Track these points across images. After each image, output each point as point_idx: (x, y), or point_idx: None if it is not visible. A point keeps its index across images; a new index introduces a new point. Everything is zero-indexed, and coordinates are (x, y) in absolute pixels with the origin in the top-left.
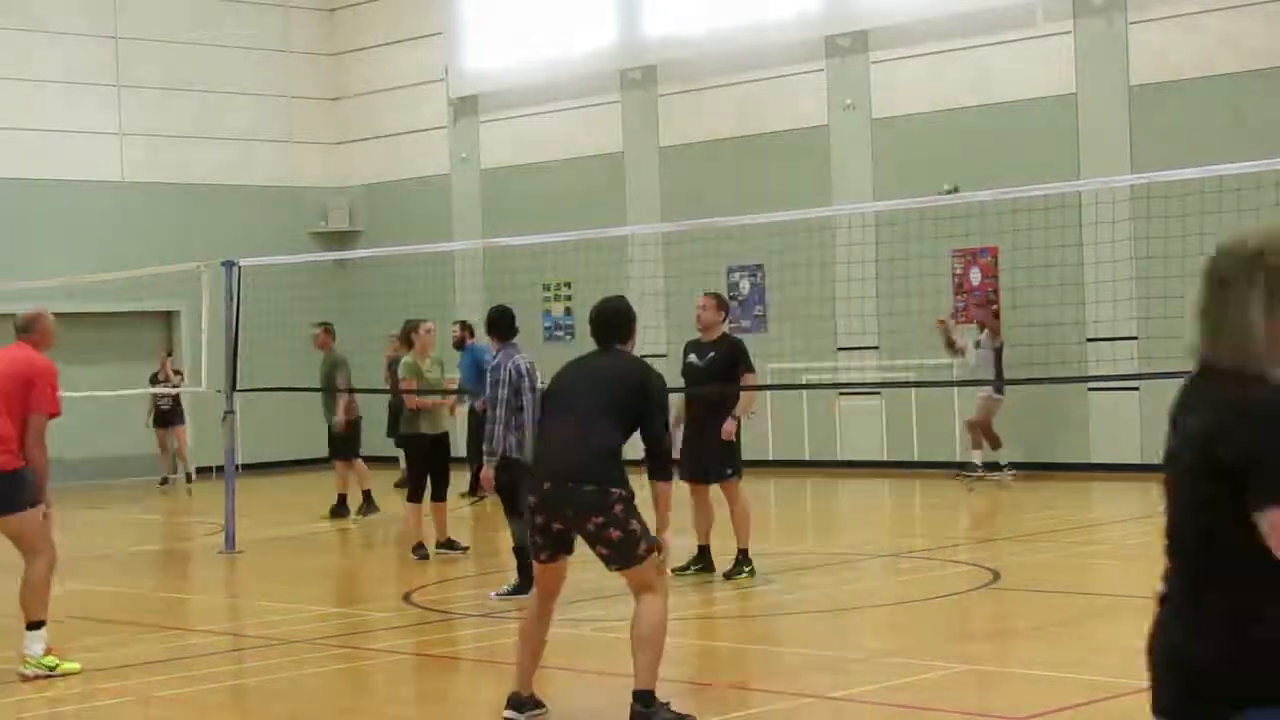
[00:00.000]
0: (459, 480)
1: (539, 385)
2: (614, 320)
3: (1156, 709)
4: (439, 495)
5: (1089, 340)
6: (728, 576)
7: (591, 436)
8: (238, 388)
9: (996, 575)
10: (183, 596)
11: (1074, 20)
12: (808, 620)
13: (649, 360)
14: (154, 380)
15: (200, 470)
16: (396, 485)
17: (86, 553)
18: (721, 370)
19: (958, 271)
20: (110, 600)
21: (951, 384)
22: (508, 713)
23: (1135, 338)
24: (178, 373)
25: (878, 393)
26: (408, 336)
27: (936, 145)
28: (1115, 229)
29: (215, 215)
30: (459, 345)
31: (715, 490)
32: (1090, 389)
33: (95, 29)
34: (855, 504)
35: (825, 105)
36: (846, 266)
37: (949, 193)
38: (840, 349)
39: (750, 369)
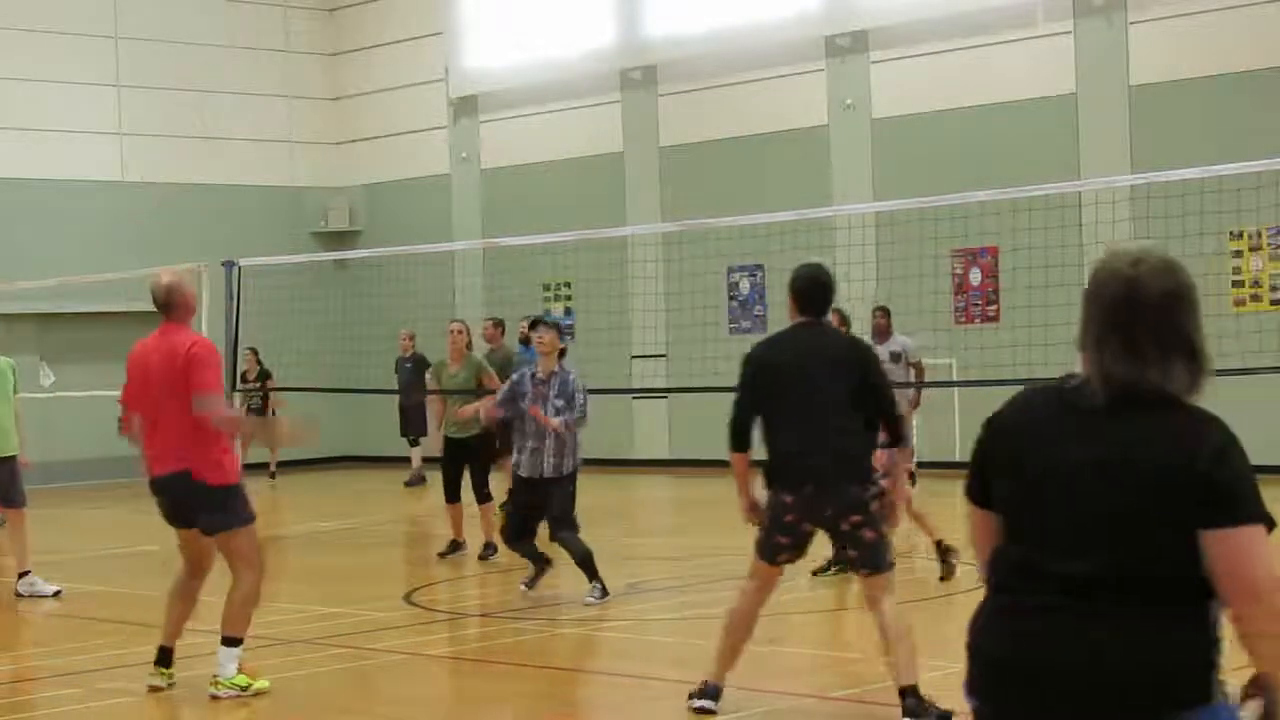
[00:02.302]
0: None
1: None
2: (830, 289)
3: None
4: (463, 497)
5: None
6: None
7: (844, 432)
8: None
9: None
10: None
11: (1074, 20)
12: (808, 620)
13: (651, 361)
14: (243, 379)
15: None
16: (406, 484)
17: (87, 553)
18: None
19: (958, 271)
20: (110, 600)
21: (953, 384)
22: (702, 702)
23: None
24: (268, 374)
25: None
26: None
27: (936, 145)
28: (1115, 229)
29: (215, 215)
30: (525, 342)
31: None
32: None
33: (95, 29)
34: None
35: (825, 105)
36: (846, 267)
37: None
38: None
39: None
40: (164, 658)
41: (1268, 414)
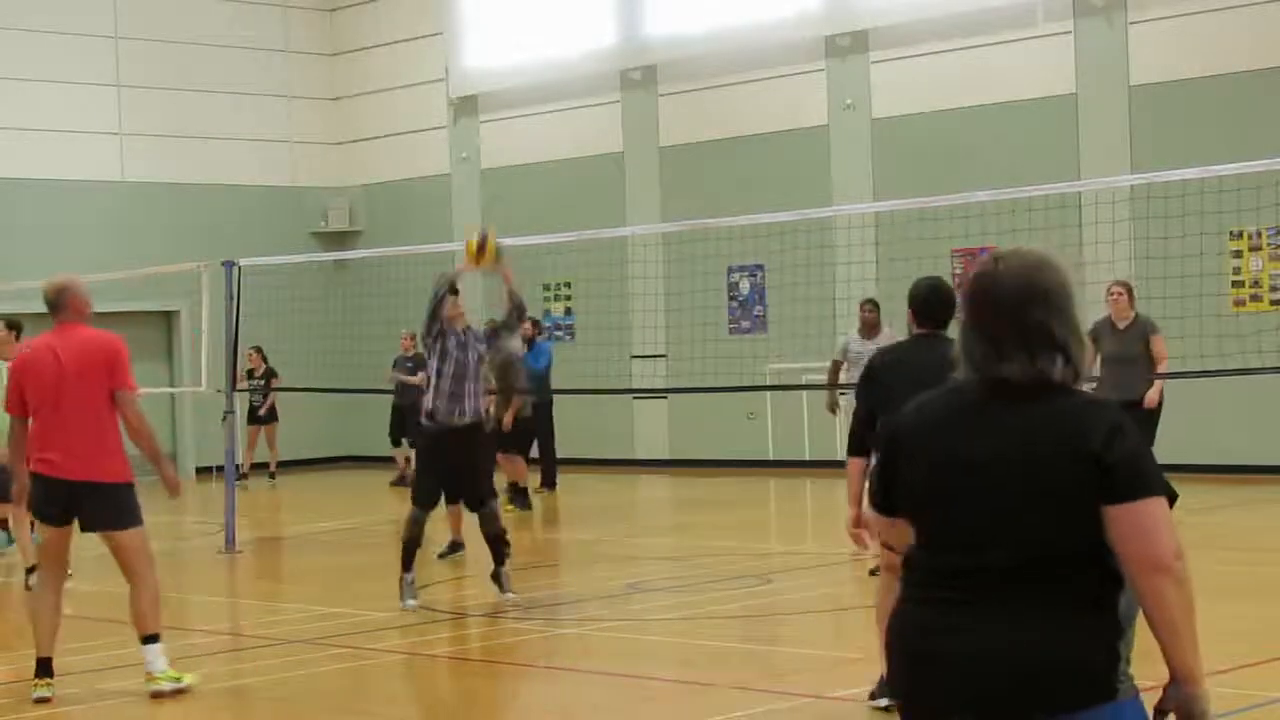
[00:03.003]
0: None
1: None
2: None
3: (949, 707)
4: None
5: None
6: None
7: None
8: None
9: None
10: (183, 596)
11: (1074, 20)
12: (808, 620)
13: (651, 361)
14: (250, 376)
15: (201, 470)
16: (392, 484)
17: (86, 552)
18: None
19: (958, 271)
20: (110, 600)
21: None
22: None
23: None
24: (274, 373)
25: None
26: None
27: (936, 145)
28: (1115, 229)
29: (215, 215)
30: (529, 342)
31: None
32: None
33: (95, 29)
34: None
35: (825, 105)
36: (847, 267)
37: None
38: None
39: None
40: (48, 668)
41: (1268, 414)
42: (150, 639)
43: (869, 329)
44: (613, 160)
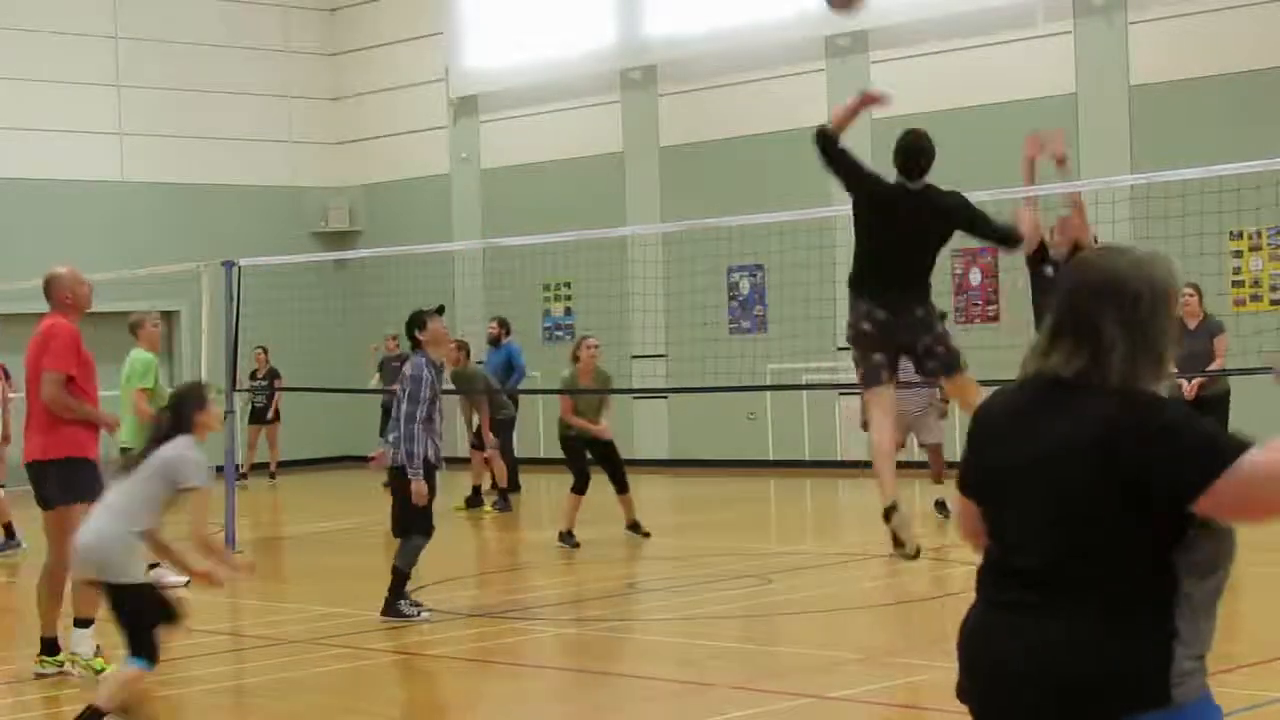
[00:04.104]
0: (462, 486)
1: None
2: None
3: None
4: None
5: None
6: None
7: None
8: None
9: None
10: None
11: (1074, 20)
12: (808, 620)
13: (651, 360)
14: (253, 377)
15: None
16: (385, 485)
17: None
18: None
19: (958, 271)
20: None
21: (911, 384)
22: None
23: None
24: (277, 374)
25: None
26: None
27: (937, 145)
28: (1115, 229)
29: (215, 215)
30: (494, 342)
31: None
32: None
33: (95, 29)
34: (855, 504)
35: (825, 105)
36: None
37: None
38: (840, 349)
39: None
40: (53, 648)
41: (1268, 414)
42: (82, 623)
43: None
44: (613, 160)
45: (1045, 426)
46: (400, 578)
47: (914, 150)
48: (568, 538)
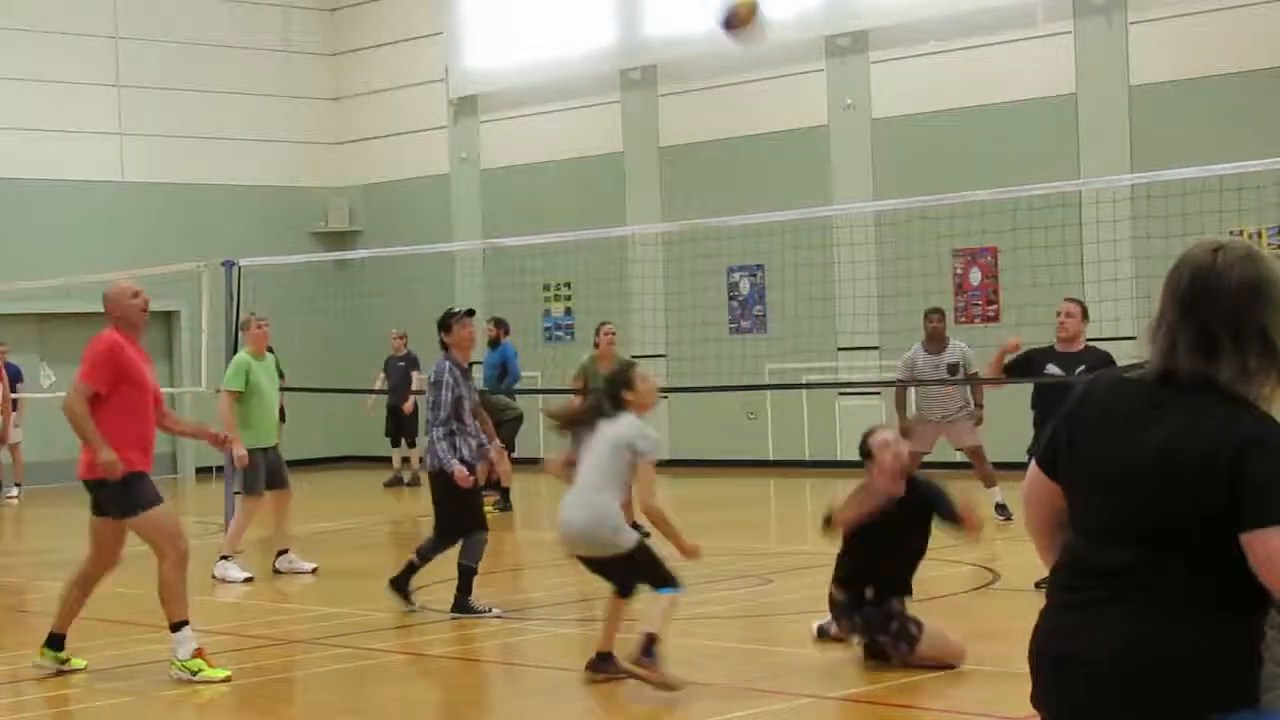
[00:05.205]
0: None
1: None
2: None
3: (1076, 712)
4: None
5: (1089, 340)
6: None
7: None
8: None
9: (996, 575)
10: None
11: (1074, 20)
12: (808, 620)
13: (650, 361)
14: None
15: (201, 470)
16: (386, 485)
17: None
18: None
19: (958, 271)
20: (110, 600)
21: (953, 382)
22: None
23: (1134, 337)
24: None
25: (877, 393)
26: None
27: (936, 145)
28: (1115, 229)
29: (215, 215)
30: (493, 344)
31: None
32: None
33: (95, 29)
34: None
35: (825, 105)
36: (847, 266)
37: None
38: (840, 349)
39: None
40: (59, 644)
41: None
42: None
43: (935, 340)
44: (613, 160)
45: (1174, 422)
46: (468, 575)
47: None
48: None
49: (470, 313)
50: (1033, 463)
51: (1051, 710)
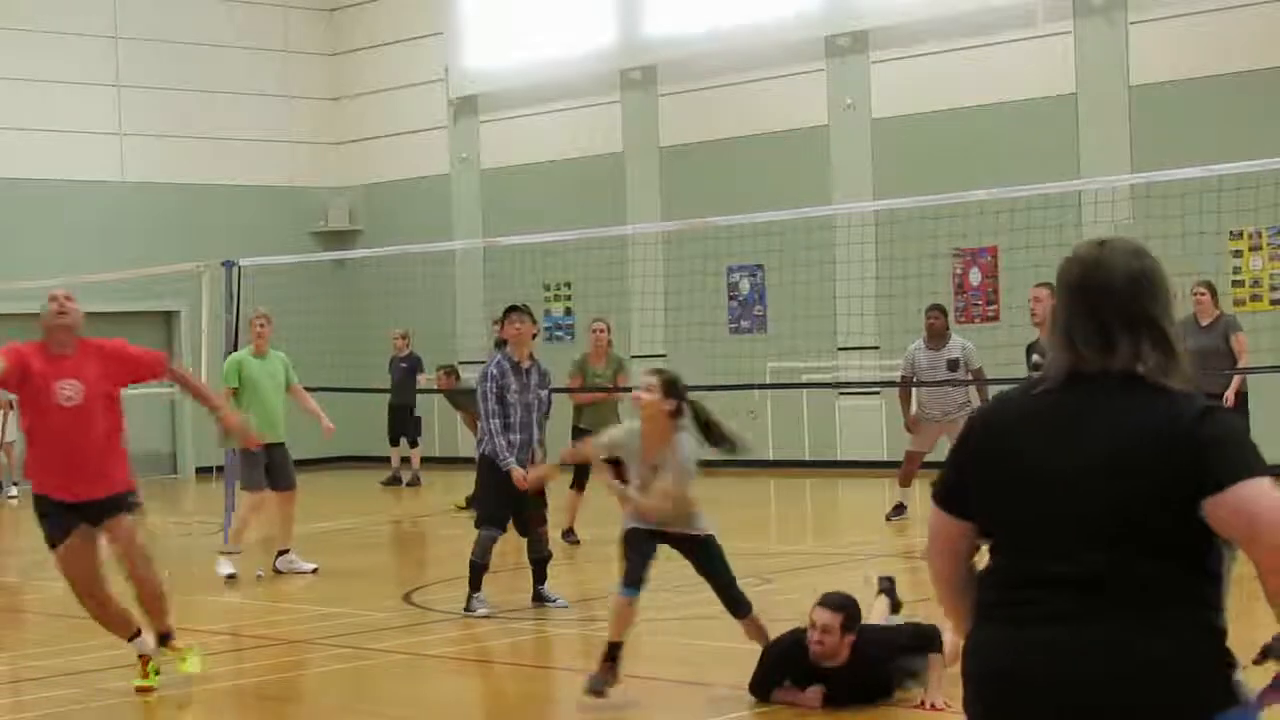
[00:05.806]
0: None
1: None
2: None
3: None
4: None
5: None
6: None
7: None
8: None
9: None
10: (183, 596)
11: (1074, 20)
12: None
13: (650, 361)
14: None
15: (201, 470)
16: (383, 484)
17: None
18: None
19: (958, 271)
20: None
21: (952, 383)
22: None
23: None
24: None
25: (877, 392)
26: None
27: (936, 145)
28: (1115, 229)
29: (215, 215)
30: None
31: None
32: None
33: (95, 29)
34: (855, 504)
35: (825, 105)
36: (847, 266)
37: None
38: (840, 349)
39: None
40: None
41: (1268, 414)
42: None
43: (936, 337)
44: (613, 160)
45: (1104, 425)
46: (474, 570)
47: None
48: (568, 535)
49: (517, 308)
50: (933, 508)
51: None
